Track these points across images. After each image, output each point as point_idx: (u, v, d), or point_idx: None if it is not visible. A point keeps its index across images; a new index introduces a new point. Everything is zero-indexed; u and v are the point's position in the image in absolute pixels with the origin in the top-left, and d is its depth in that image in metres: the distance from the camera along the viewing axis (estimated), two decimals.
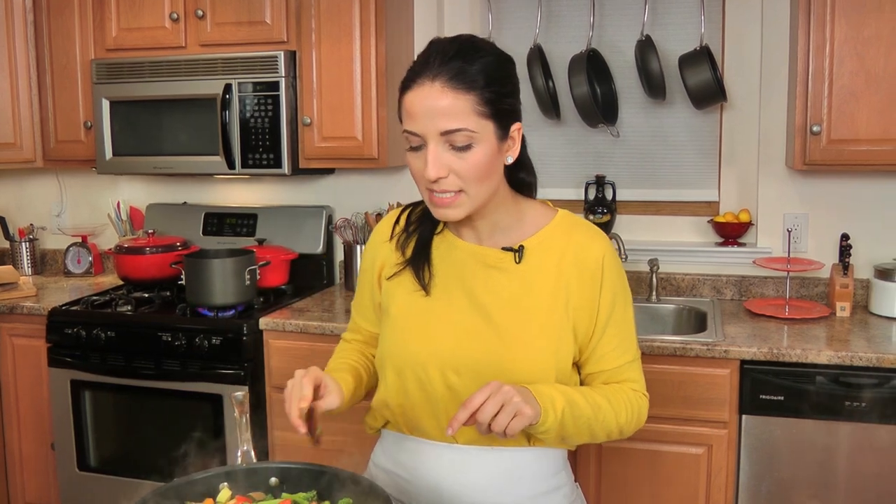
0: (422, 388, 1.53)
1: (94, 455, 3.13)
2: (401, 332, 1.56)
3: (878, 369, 2.45)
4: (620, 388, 1.56)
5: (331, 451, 2.80)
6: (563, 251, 1.54)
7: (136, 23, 3.28)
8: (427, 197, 1.47)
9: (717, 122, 3.23)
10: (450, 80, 1.38)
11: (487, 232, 1.55)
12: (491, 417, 1.30)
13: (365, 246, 1.80)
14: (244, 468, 1.37)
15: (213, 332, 2.92)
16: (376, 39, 3.07)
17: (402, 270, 1.59)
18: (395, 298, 1.58)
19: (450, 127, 1.38)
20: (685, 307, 3.12)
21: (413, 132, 1.42)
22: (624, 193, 3.33)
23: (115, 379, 3.03)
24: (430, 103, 1.38)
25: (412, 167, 1.46)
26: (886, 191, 3.03)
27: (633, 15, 3.21)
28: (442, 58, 1.40)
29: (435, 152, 1.40)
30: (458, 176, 1.41)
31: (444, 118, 1.38)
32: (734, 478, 2.61)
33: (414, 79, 1.42)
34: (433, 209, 1.48)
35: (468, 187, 1.43)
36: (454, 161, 1.41)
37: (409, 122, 1.42)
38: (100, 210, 3.84)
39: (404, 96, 1.43)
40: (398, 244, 1.62)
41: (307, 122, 3.15)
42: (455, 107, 1.38)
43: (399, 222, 1.64)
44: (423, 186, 1.46)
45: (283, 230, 3.53)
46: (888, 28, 2.61)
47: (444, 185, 1.42)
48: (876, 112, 2.65)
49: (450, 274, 1.55)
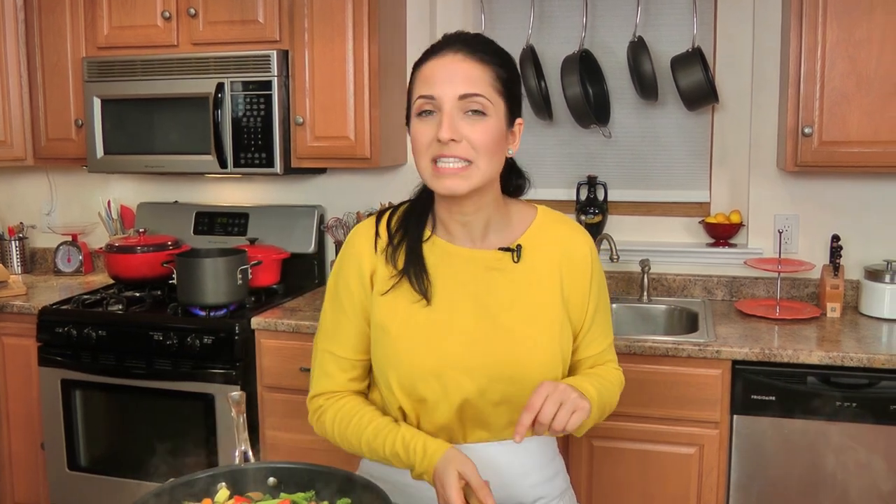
0: (429, 399, 1.51)
1: (84, 455, 3.11)
2: (406, 345, 1.52)
3: (868, 370, 2.46)
4: (607, 369, 1.65)
5: (320, 451, 2.81)
6: (551, 246, 1.57)
7: (128, 21, 3.27)
8: (430, 170, 1.46)
9: (709, 124, 3.24)
10: (470, 52, 1.46)
11: (480, 232, 1.55)
12: (551, 417, 1.34)
13: (339, 270, 1.60)
14: (242, 468, 1.37)
15: (204, 332, 2.92)
16: (369, 40, 3.07)
17: (398, 283, 1.54)
18: (396, 313, 1.53)
19: (469, 91, 1.43)
20: (676, 308, 3.14)
21: (429, 95, 1.43)
22: (615, 194, 3.34)
23: (106, 378, 3.02)
24: (452, 67, 1.44)
25: (419, 135, 1.46)
26: (876, 192, 3.05)
27: (626, 16, 3.22)
28: (460, 38, 1.48)
29: (450, 115, 1.42)
30: (470, 143, 1.43)
31: (464, 83, 1.43)
32: (725, 478, 2.62)
33: (435, 51, 1.48)
34: (436, 181, 1.46)
35: (478, 158, 1.44)
36: (467, 128, 1.43)
37: (425, 86, 1.45)
38: (90, 209, 3.83)
39: (423, 66, 1.48)
40: (388, 257, 1.55)
41: (300, 122, 3.15)
42: (475, 74, 1.44)
43: (380, 234, 1.58)
44: (427, 157, 1.45)
45: (275, 229, 3.52)
46: (879, 30, 2.63)
47: (455, 149, 1.42)
48: (867, 114, 2.66)
49: (449, 280, 1.53)
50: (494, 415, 1.52)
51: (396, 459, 1.49)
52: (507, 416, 1.53)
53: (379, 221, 1.60)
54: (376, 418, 1.54)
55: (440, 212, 1.56)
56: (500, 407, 1.52)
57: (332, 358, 1.60)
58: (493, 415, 1.52)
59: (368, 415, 1.54)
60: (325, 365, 1.61)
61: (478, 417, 1.53)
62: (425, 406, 1.53)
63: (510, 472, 1.55)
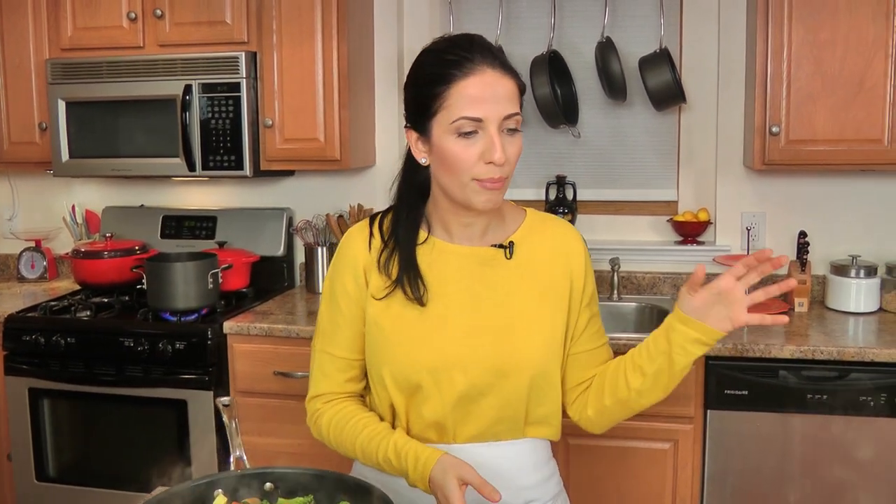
0: (425, 394, 1.52)
1: (52, 465, 3.05)
2: (399, 339, 1.53)
3: (838, 362, 2.52)
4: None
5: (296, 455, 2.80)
6: (544, 243, 1.60)
7: (93, 22, 3.21)
8: (472, 186, 1.46)
9: (676, 123, 3.29)
10: (502, 66, 1.46)
11: (480, 231, 1.58)
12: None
13: (334, 272, 1.62)
14: (238, 474, 1.36)
15: (176, 337, 2.88)
16: (338, 41, 3.06)
17: (392, 292, 1.55)
18: (390, 311, 1.55)
19: (512, 111, 1.45)
20: (647, 305, 3.17)
21: (474, 117, 1.42)
22: (584, 193, 3.36)
23: (75, 386, 2.96)
24: (494, 87, 1.43)
25: (462, 156, 1.44)
26: (841, 189, 3.12)
27: (592, 17, 3.26)
28: (485, 48, 1.47)
29: (499, 137, 1.43)
30: (509, 160, 1.45)
31: (507, 102, 1.44)
32: (700, 472, 2.66)
33: (470, 66, 1.43)
34: (479, 197, 1.46)
35: (510, 171, 1.48)
36: (507, 145, 1.44)
37: (471, 107, 1.42)
38: (53, 213, 3.75)
39: (461, 83, 1.43)
40: (381, 266, 1.56)
41: (269, 124, 3.12)
42: (510, 91, 1.45)
43: (374, 234, 1.59)
44: (467, 176, 1.45)
45: (243, 232, 3.49)
46: (843, 32, 2.69)
47: (501, 170, 1.44)
48: (833, 113, 2.73)
49: (443, 277, 1.55)
50: (485, 409, 1.53)
51: (389, 466, 1.49)
52: (496, 411, 1.54)
53: (372, 223, 1.61)
54: (371, 423, 1.54)
55: (444, 214, 1.56)
56: (490, 401, 1.53)
57: (329, 359, 1.60)
58: (484, 409, 1.53)
59: (364, 420, 1.55)
60: (322, 366, 1.61)
61: (468, 412, 1.54)
62: (416, 401, 1.54)
63: (502, 473, 1.55)
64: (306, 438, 2.84)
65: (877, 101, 2.69)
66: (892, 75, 2.68)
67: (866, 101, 2.70)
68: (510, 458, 1.58)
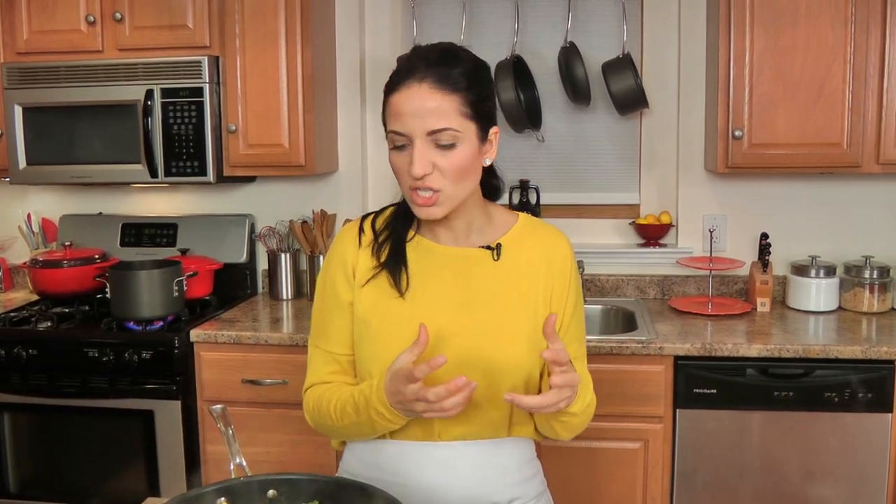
0: None
1: (14, 481, 2.96)
2: (385, 338, 1.55)
3: (804, 360, 2.59)
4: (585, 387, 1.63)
5: (265, 464, 2.77)
6: (532, 248, 1.62)
7: (50, 25, 3.14)
8: (410, 197, 1.51)
9: (637, 128, 3.34)
10: (436, 81, 1.45)
11: (464, 232, 1.60)
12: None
13: (326, 269, 1.67)
14: (240, 482, 1.34)
15: (142, 346, 2.83)
16: (302, 46, 3.04)
17: (377, 274, 1.59)
18: (375, 307, 1.58)
19: (437, 126, 1.44)
20: (612, 307, 3.21)
21: (400, 132, 1.46)
22: (547, 197, 3.39)
23: (37, 399, 2.88)
24: (418, 104, 1.44)
25: (396, 166, 1.50)
26: (800, 192, 3.21)
27: (555, 22, 3.29)
28: (426, 63, 1.47)
29: (421, 150, 1.45)
30: (441, 173, 1.47)
31: (432, 118, 1.44)
32: (670, 470, 2.70)
33: (400, 81, 1.47)
34: (416, 209, 1.51)
35: (447, 186, 1.48)
36: (438, 159, 1.46)
37: (396, 122, 1.47)
38: (8, 222, 3.65)
39: (390, 98, 1.48)
40: (372, 251, 1.61)
41: (232, 130, 3.09)
42: (441, 107, 1.44)
43: (364, 231, 1.64)
44: (406, 186, 1.50)
45: (205, 239, 3.44)
46: (803, 40, 2.77)
47: (428, 181, 1.46)
48: (793, 118, 2.80)
49: (429, 276, 1.58)
50: (470, 408, 1.53)
51: (357, 412, 1.52)
52: (482, 411, 1.56)
53: (364, 221, 1.66)
54: (345, 389, 1.58)
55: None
56: (475, 400, 1.52)
57: (322, 353, 1.65)
58: (469, 409, 1.53)
59: (340, 388, 1.59)
60: (315, 361, 1.67)
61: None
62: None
63: (487, 470, 1.58)
64: (276, 446, 2.84)
65: (836, 105, 2.78)
66: (850, 81, 2.76)
67: (826, 106, 2.78)
68: (495, 457, 1.59)
